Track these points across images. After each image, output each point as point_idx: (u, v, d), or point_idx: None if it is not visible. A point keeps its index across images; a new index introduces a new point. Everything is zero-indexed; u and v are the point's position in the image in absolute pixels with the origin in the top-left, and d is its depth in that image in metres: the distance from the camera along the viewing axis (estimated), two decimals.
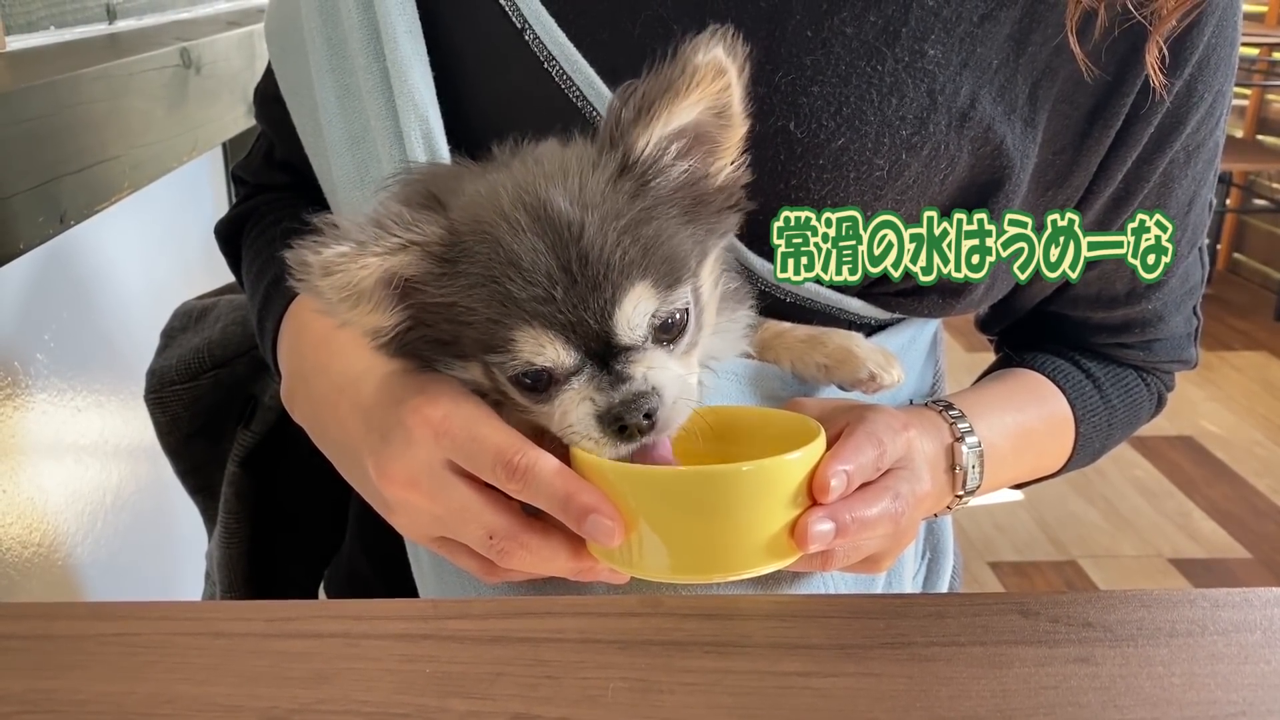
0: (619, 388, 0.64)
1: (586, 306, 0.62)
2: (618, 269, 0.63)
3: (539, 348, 0.63)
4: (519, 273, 0.62)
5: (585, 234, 0.62)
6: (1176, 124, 0.79)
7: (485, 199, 0.65)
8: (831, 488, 0.65)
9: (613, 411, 0.64)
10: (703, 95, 0.64)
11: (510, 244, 0.62)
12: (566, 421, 0.65)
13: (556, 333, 0.63)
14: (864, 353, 0.76)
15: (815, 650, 0.62)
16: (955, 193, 0.76)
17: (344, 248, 0.61)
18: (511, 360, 0.64)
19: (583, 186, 0.64)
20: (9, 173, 1.01)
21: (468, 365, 0.67)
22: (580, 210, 0.63)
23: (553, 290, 0.62)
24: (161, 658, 0.62)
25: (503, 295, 0.62)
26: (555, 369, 0.64)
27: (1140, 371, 0.94)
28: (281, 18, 0.87)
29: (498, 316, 0.63)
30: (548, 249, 0.62)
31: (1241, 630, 0.64)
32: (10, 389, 1.28)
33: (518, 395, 0.66)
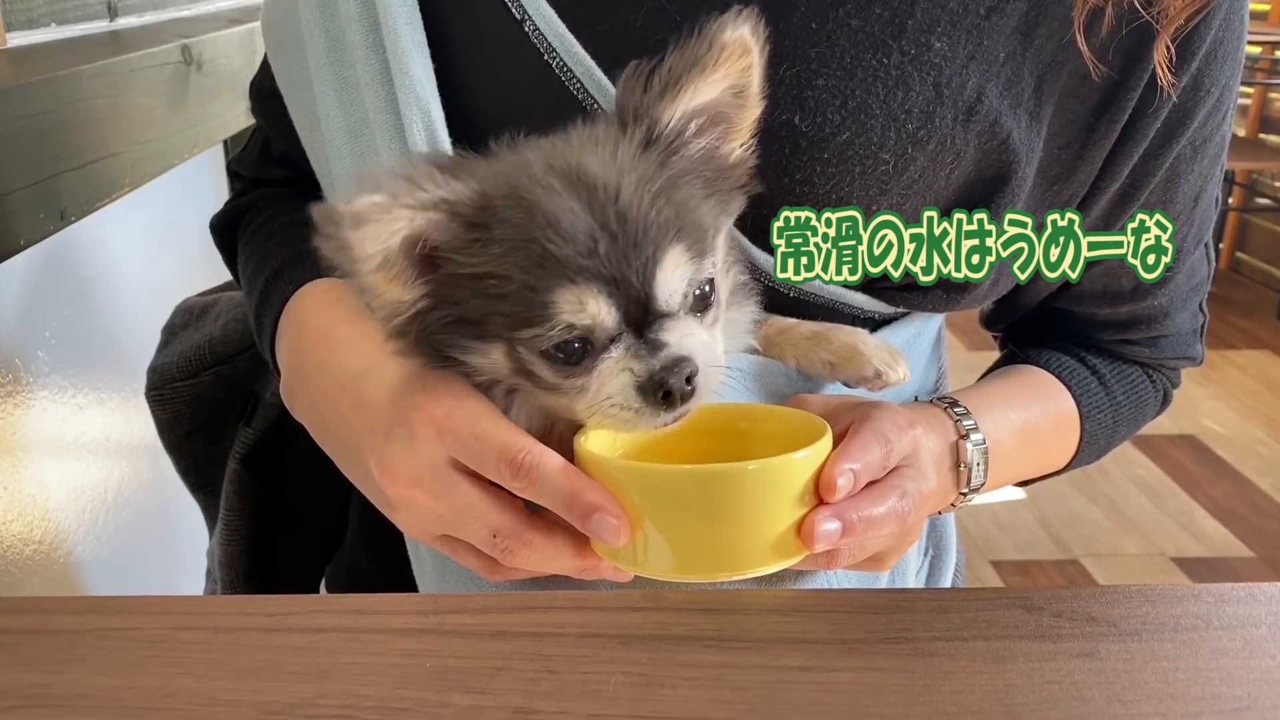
0: (657, 354, 0.63)
1: (629, 264, 0.62)
2: (656, 229, 0.63)
3: (580, 306, 0.62)
4: (558, 232, 0.61)
5: (622, 194, 0.63)
6: (1183, 119, 0.79)
7: (513, 168, 0.64)
8: (838, 487, 0.64)
9: (655, 378, 0.63)
10: (728, 73, 0.65)
11: (547, 205, 0.62)
12: (603, 394, 0.64)
13: (600, 288, 0.62)
14: (870, 350, 0.76)
15: (817, 645, 0.62)
16: (961, 187, 0.76)
17: (378, 197, 0.59)
18: (549, 328, 0.62)
19: (613, 154, 0.64)
20: (10, 169, 1.01)
21: (489, 349, 0.66)
22: (615, 173, 0.63)
23: (595, 246, 0.61)
24: (161, 652, 0.62)
25: (541, 256, 0.61)
26: (594, 332, 0.63)
27: (1146, 368, 0.94)
28: (278, 11, 0.87)
29: (536, 280, 0.61)
30: (585, 209, 0.62)
31: (1246, 625, 0.64)
32: (11, 386, 1.28)
33: (547, 372, 0.65)
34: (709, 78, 0.65)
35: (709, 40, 0.64)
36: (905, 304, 0.83)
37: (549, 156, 0.65)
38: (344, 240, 0.60)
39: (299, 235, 0.86)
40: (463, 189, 0.62)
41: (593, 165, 0.63)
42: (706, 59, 0.64)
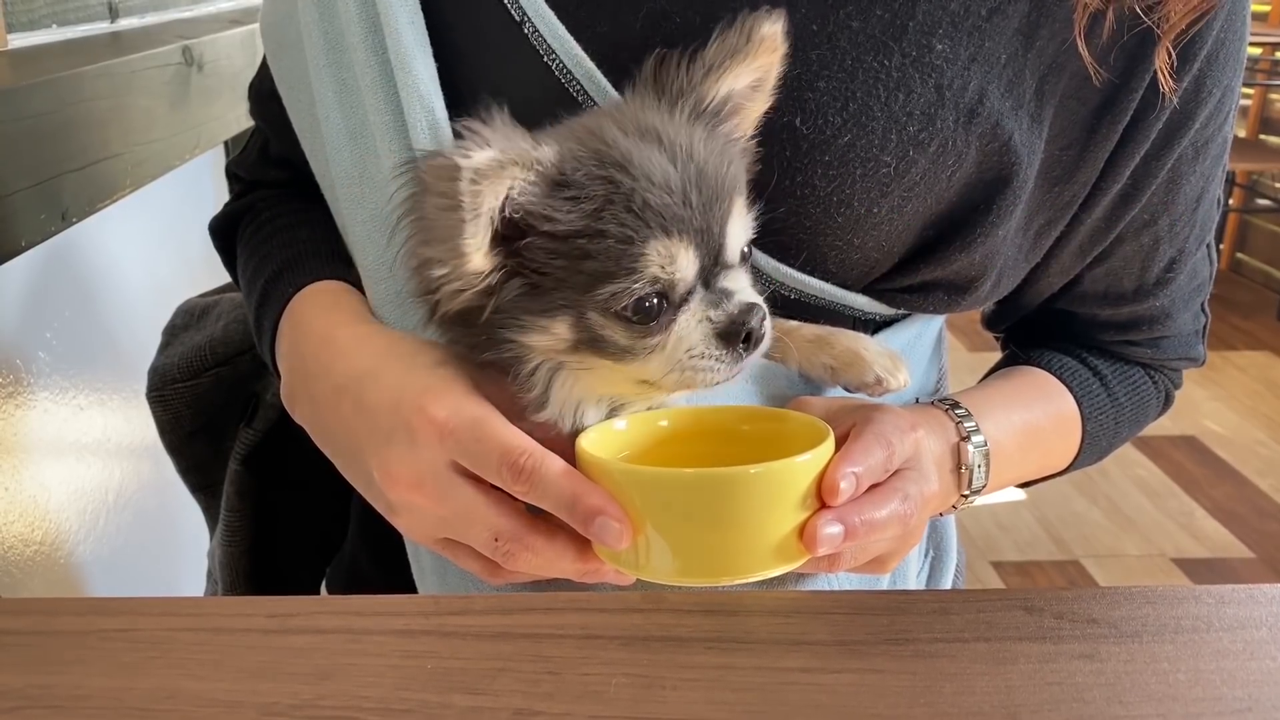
0: (729, 302, 0.66)
1: (712, 215, 0.65)
2: (727, 184, 0.66)
3: (670, 259, 0.64)
4: (654, 184, 0.63)
5: (696, 151, 0.66)
6: (1185, 120, 0.79)
7: (586, 132, 0.66)
8: (841, 490, 0.64)
9: (736, 322, 0.65)
10: (758, 64, 0.69)
11: (640, 159, 0.64)
12: (684, 347, 0.66)
13: (689, 241, 0.64)
14: (872, 356, 0.76)
15: (818, 646, 0.62)
16: (962, 189, 0.76)
17: (493, 153, 0.60)
18: (633, 281, 0.63)
19: (674, 119, 0.68)
20: (11, 170, 1.01)
21: (553, 323, 0.66)
22: (685, 133, 0.67)
23: (687, 197, 0.64)
24: (162, 653, 0.62)
25: (641, 206, 0.63)
26: (675, 287, 0.65)
27: (1148, 369, 0.94)
28: (277, 13, 0.87)
29: (631, 232, 0.63)
30: (670, 162, 0.64)
31: (1247, 627, 0.64)
32: (12, 387, 1.28)
33: (621, 334, 0.65)
34: (746, 66, 0.69)
35: (747, 32, 0.68)
36: (906, 305, 0.83)
37: (618, 120, 0.67)
38: (459, 196, 0.60)
39: (298, 237, 0.87)
40: (549, 150, 0.63)
41: (662, 126, 0.66)
42: (746, 49, 0.68)
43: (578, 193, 0.63)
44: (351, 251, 0.82)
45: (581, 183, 0.63)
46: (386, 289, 0.79)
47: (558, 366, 0.68)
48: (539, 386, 0.68)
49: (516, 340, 0.67)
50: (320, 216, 0.86)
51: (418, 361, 0.72)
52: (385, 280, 0.79)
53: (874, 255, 0.77)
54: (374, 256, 0.79)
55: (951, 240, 0.77)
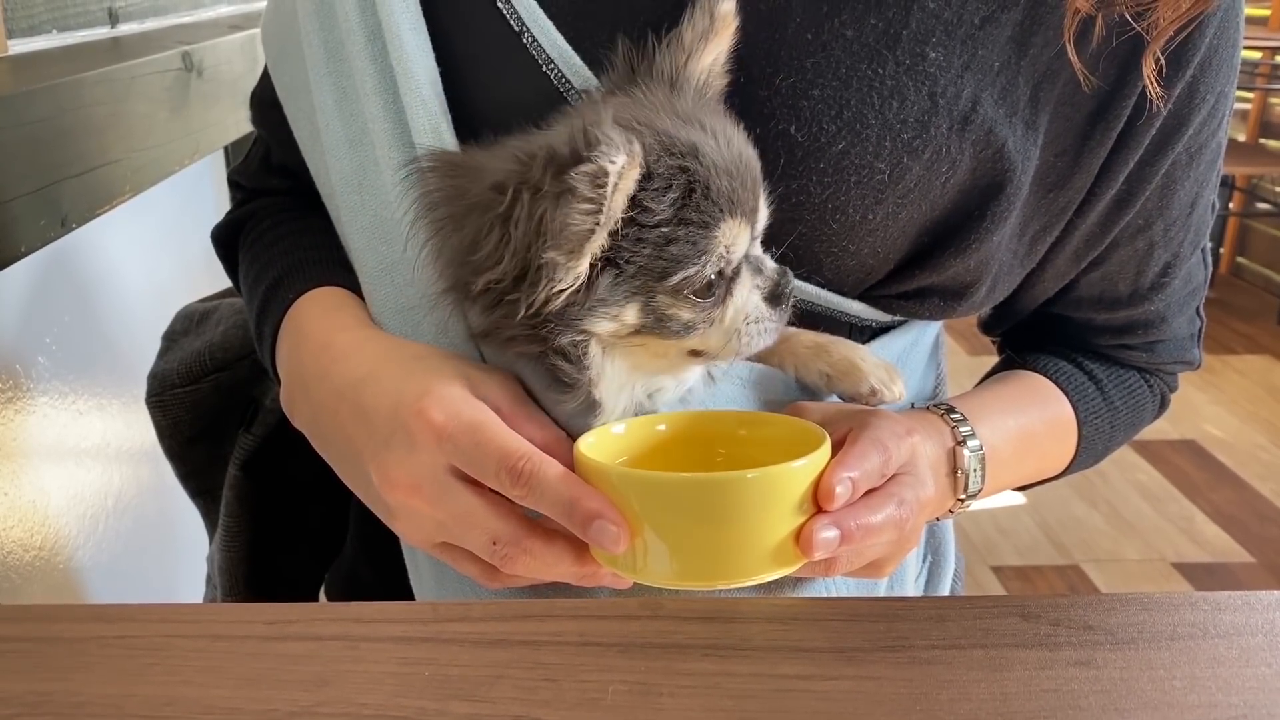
0: (765, 267, 0.71)
1: (756, 194, 0.69)
2: (756, 162, 0.70)
3: (734, 239, 0.67)
4: (718, 170, 0.66)
5: (732, 136, 0.69)
6: (1179, 125, 0.79)
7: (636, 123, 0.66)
8: (837, 495, 0.65)
9: (780, 285, 0.70)
10: (720, 41, 0.71)
11: (705, 147, 0.66)
12: (743, 314, 0.69)
13: (745, 220, 0.68)
14: (868, 366, 0.76)
15: (815, 653, 0.62)
16: (956, 196, 0.76)
17: (625, 157, 0.61)
18: (704, 263, 0.66)
19: (695, 105, 0.70)
20: (10, 176, 1.01)
21: (624, 310, 0.67)
22: (716, 118, 0.69)
23: (744, 178, 0.68)
24: (161, 660, 0.62)
25: (716, 193, 0.65)
26: (734, 261, 0.68)
27: (1143, 373, 0.94)
28: (278, 22, 0.87)
29: (709, 218, 0.65)
30: (725, 147, 0.67)
31: (1243, 633, 0.64)
32: (12, 392, 1.28)
33: (688, 313, 0.67)
34: (713, 45, 0.71)
35: (709, 12, 0.70)
36: (902, 311, 0.83)
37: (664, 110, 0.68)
38: (603, 201, 0.60)
39: (299, 244, 0.87)
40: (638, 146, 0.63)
41: (699, 113, 0.68)
42: (712, 28, 0.71)
43: (661, 184, 0.64)
44: (351, 258, 0.83)
45: (663, 173, 0.64)
46: (386, 295, 0.79)
47: (610, 348, 0.69)
48: (594, 365, 0.68)
49: (588, 330, 0.67)
50: (321, 224, 0.86)
51: (416, 366, 0.72)
52: (385, 286, 0.79)
53: (869, 261, 0.78)
54: (374, 263, 0.79)
55: (946, 246, 0.78)
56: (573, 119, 0.67)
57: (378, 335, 0.78)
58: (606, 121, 0.63)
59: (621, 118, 0.66)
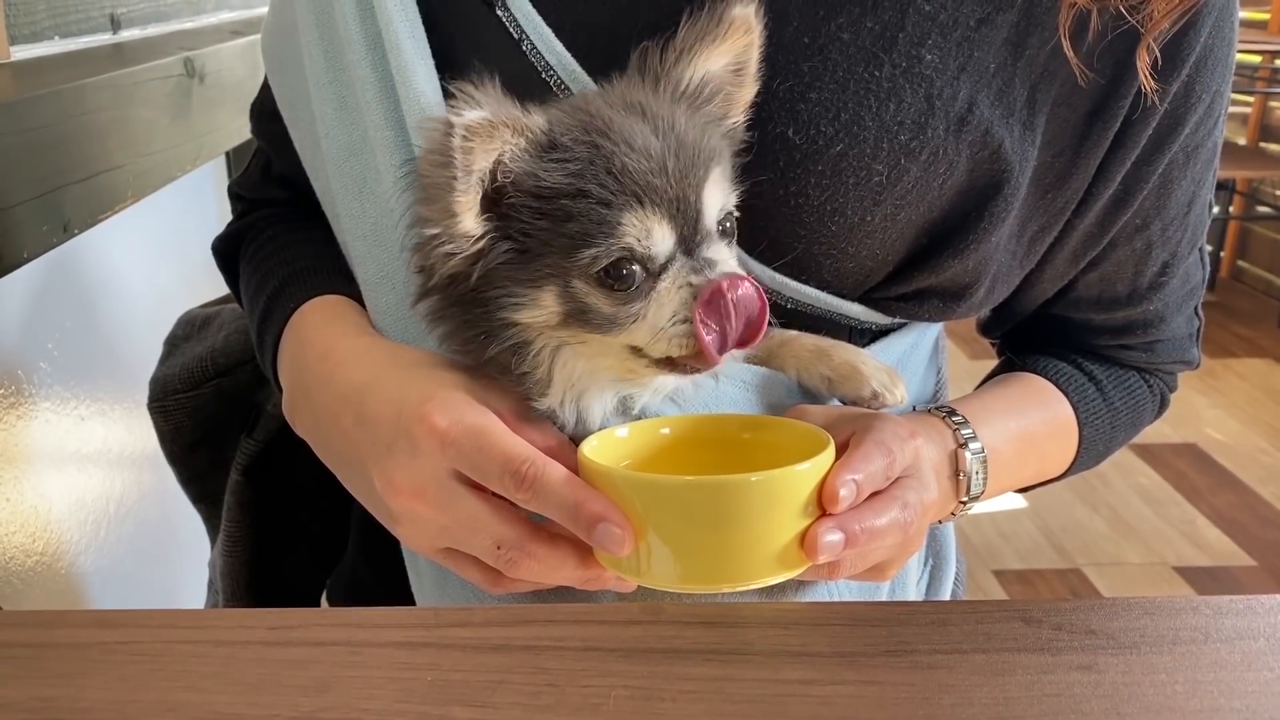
0: (712, 269, 0.66)
1: (688, 182, 0.66)
2: (705, 153, 0.68)
3: (645, 231, 0.65)
4: (633, 150, 0.65)
5: (677, 123, 0.68)
6: (1175, 125, 0.79)
7: (575, 105, 0.68)
8: (841, 498, 0.65)
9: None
10: (732, 46, 0.70)
11: (622, 126, 0.66)
12: (665, 313, 0.66)
13: (663, 211, 0.65)
14: (869, 370, 0.76)
15: (817, 658, 0.62)
16: (954, 197, 0.77)
17: (485, 113, 0.62)
18: (611, 246, 0.65)
19: (658, 96, 0.70)
20: (13, 182, 1.01)
21: (540, 294, 0.67)
22: (667, 108, 0.69)
23: (665, 163, 0.66)
24: (163, 665, 0.62)
25: (619, 170, 0.65)
26: (654, 256, 0.66)
27: (1142, 373, 0.94)
28: (278, 32, 0.88)
29: (610, 195, 0.64)
30: (652, 132, 0.66)
31: (1245, 638, 0.64)
32: (14, 397, 1.28)
33: (604, 302, 0.66)
34: (716, 48, 0.70)
35: (717, 15, 0.69)
36: (902, 314, 0.83)
37: (605, 96, 0.69)
38: (451, 154, 0.61)
39: (301, 253, 0.87)
40: (539, 118, 0.65)
41: (645, 100, 0.69)
42: (715, 32, 0.70)
43: (563, 155, 0.65)
44: (352, 266, 0.83)
45: (567, 146, 0.65)
46: (387, 302, 0.79)
47: (559, 347, 0.69)
48: (543, 365, 0.69)
49: (510, 319, 0.68)
50: (321, 234, 0.86)
51: (418, 372, 0.72)
52: (386, 294, 0.79)
53: (868, 263, 0.78)
54: (374, 270, 0.79)
55: (945, 248, 0.78)
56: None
57: (379, 342, 0.78)
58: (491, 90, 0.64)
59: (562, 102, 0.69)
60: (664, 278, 0.66)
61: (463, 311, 0.69)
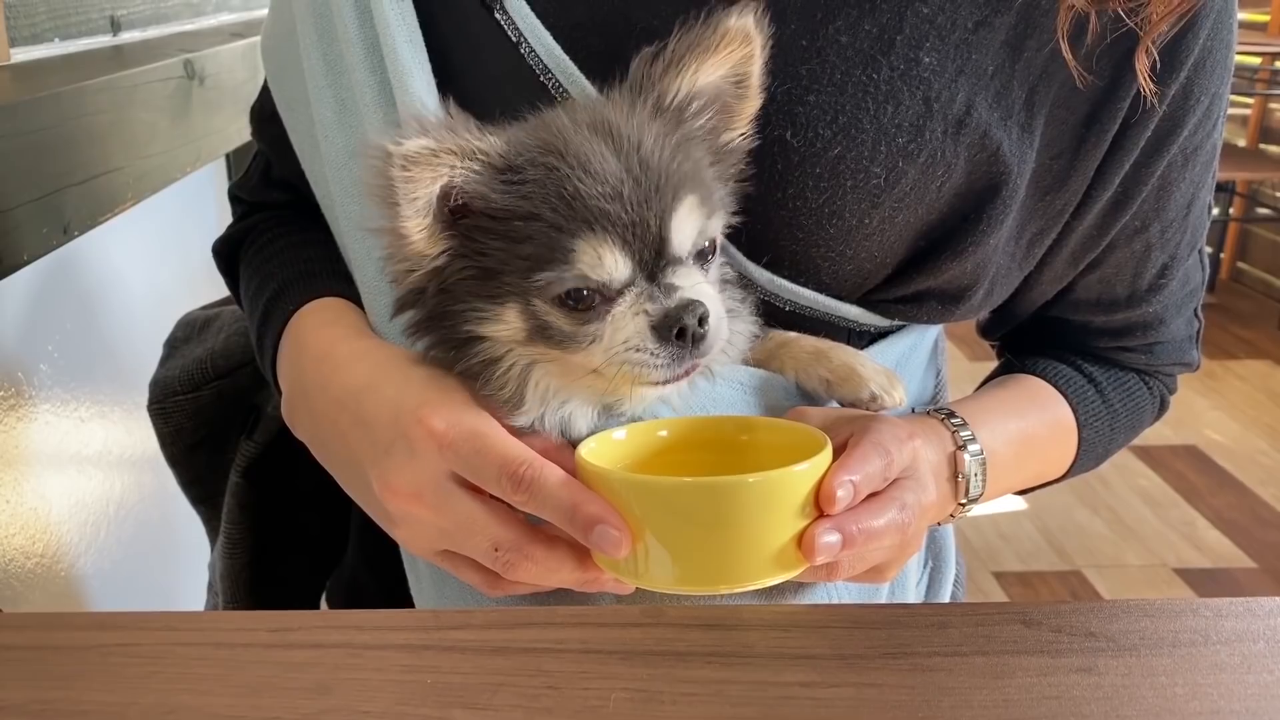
0: (671, 296, 0.65)
1: (649, 207, 0.64)
2: (675, 177, 0.66)
3: (597, 259, 0.64)
4: (588, 173, 0.64)
5: (643, 145, 0.66)
6: (1173, 127, 0.79)
7: (540, 123, 0.67)
8: (838, 499, 0.65)
9: (670, 316, 0.64)
10: (728, 57, 0.69)
11: (579, 148, 0.65)
12: (619, 338, 0.65)
13: (617, 237, 0.64)
14: (868, 373, 0.76)
15: (817, 660, 0.62)
16: (952, 199, 0.77)
17: (427, 141, 0.61)
18: (566, 272, 0.64)
19: (632, 114, 0.68)
20: (13, 184, 1.01)
21: (503, 310, 0.67)
22: (636, 127, 0.67)
23: (620, 188, 0.64)
24: (163, 668, 0.62)
25: (570, 194, 0.63)
26: (610, 283, 0.65)
27: (1142, 375, 0.94)
28: (277, 35, 0.88)
29: (562, 220, 0.64)
30: (613, 154, 0.65)
31: (1245, 640, 0.64)
32: (14, 399, 1.28)
33: (562, 320, 0.66)
34: (710, 60, 0.68)
35: (712, 25, 0.68)
36: (900, 315, 0.83)
37: (572, 114, 0.68)
38: (391, 181, 0.61)
39: (300, 256, 0.87)
40: (496, 140, 0.65)
41: (617, 119, 0.67)
42: (709, 42, 0.68)
43: (517, 177, 0.64)
44: (351, 268, 0.83)
45: (522, 168, 0.64)
46: (386, 305, 0.79)
47: (529, 363, 0.69)
48: (512, 383, 0.69)
49: (476, 332, 0.68)
50: (321, 236, 0.86)
51: (416, 374, 0.73)
52: (384, 296, 0.79)
53: (867, 266, 0.78)
54: (373, 273, 0.80)
55: (943, 250, 0.78)
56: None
57: (378, 345, 0.78)
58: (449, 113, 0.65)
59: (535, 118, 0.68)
60: (619, 303, 0.65)
61: (435, 324, 0.70)
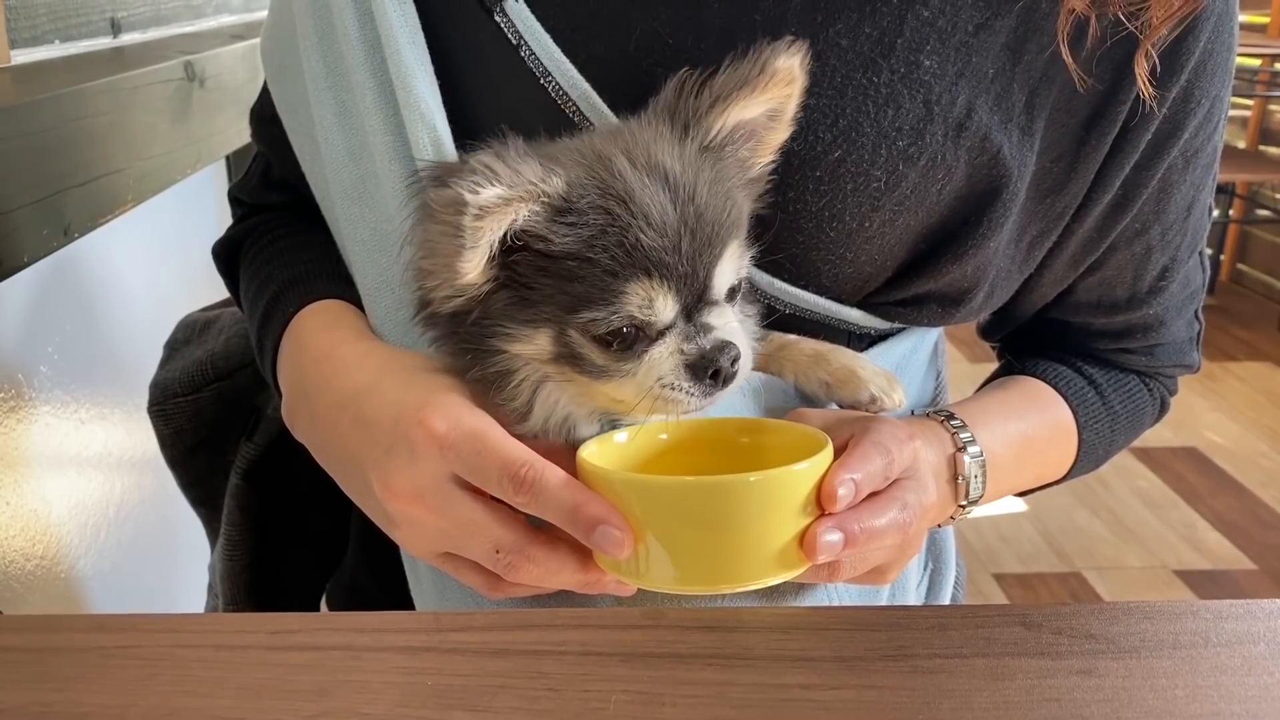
0: (705, 336, 0.67)
1: (700, 259, 0.66)
2: (724, 229, 0.67)
3: (648, 302, 0.65)
4: (649, 224, 0.64)
5: (699, 194, 0.66)
6: (1174, 130, 0.79)
7: (596, 159, 0.67)
8: (839, 497, 0.65)
9: (706, 358, 0.66)
10: (773, 96, 0.69)
11: (642, 196, 0.65)
12: (655, 375, 0.67)
13: (670, 285, 0.65)
14: (868, 375, 0.76)
15: (817, 662, 0.62)
16: (953, 202, 0.77)
17: (501, 190, 0.61)
18: (610, 313, 0.65)
19: (681, 153, 0.68)
20: (14, 186, 1.01)
21: (535, 334, 0.67)
22: (691, 172, 0.67)
23: (679, 241, 0.65)
24: (163, 670, 0.62)
25: (631, 244, 0.64)
26: (654, 323, 0.66)
27: (1143, 377, 0.94)
28: (277, 37, 0.88)
29: (619, 266, 0.64)
30: (671, 204, 0.65)
31: (1245, 642, 0.64)
32: (14, 401, 1.28)
33: (597, 355, 0.67)
34: (755, 98, 0.69)
35: (760, 64, 0.68)
36: (900, 318, 0.83)
37: (626, 150, 0.67)
38: (461, 227, 0.61)
39: (300, 258, 0.87)
40: (558, 181, 0.64)
41: (670, 162, 0.67)
42: (757, 81, 0.68)
43: (577, 219, 0.64)
44: (351, 270, 0.83)
45: (583, 210, 0.64)
46: (386, 307, 0.79)
47: (542, 379, 0.69)
48: (523, 396, 0.69)
49: (502, 349, 0.68)
50: (321, 238, 0.86)
51: (416, 376, 0.72)
52: (385, 298, 0.79)
53: (867, 269, 0.78)
54: (373, 275, 0.79)
55: (943, 253, 0.78)
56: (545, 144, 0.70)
57: (378, 346, 0.78)
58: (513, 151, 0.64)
59: (584, 147, 0.67)
60: (659, 343, 0.67)
61: (456, 325, 0.70)
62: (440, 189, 0.62)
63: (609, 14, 0.77)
